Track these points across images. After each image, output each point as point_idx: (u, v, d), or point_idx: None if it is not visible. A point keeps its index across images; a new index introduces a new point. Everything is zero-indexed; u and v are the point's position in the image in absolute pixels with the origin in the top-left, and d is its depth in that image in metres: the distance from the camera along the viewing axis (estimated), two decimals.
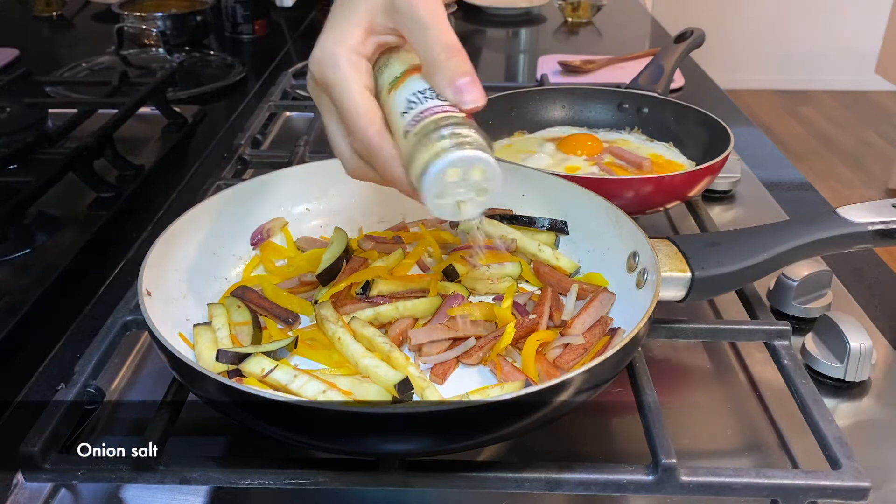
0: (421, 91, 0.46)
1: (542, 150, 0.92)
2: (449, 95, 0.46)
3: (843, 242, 0.63)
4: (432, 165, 0.43)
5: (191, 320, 0.62)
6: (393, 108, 0.47)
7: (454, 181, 0.44)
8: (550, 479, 0.50)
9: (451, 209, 0.46)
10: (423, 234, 0.73)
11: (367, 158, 0.49)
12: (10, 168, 0.91)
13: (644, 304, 0.55)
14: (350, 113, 0.47)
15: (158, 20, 1.49)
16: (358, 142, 0.48)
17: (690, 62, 1.39)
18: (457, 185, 0.44)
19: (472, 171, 0.44)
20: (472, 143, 0.44)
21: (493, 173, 0.44)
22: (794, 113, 3.98)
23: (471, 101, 0.46)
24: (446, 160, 0.43)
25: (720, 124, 0.87)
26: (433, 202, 0.45)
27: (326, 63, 0.48)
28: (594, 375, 0.49)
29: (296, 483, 0.50)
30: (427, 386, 0.55)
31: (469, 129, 0.44)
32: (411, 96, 0.46)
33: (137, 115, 1.06)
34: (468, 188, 0.45)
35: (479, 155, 0.43)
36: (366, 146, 0.47)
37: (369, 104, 0.47)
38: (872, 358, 0.63)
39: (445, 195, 0.45)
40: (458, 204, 0.46)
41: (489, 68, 1.55)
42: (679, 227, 0.89)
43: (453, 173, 0.44)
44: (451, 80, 0.46)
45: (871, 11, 3.78)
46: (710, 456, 0.59)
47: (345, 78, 0.47)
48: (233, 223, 0.70)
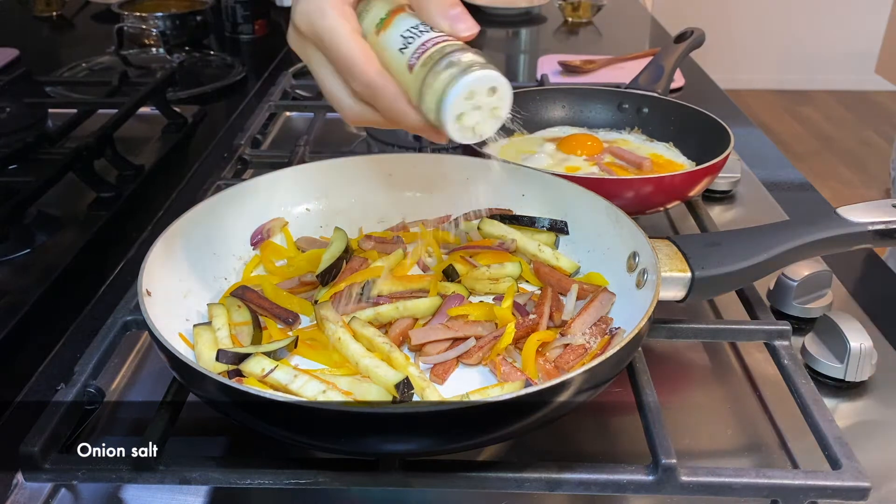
0: (413, 27, 0.48)
1: (542, 150, 0.92)
2: (444, 26, 0.48)
3: (843, 242, 0.63)
4: (451, 88, 0.45)
5: (191, 320, 0.62)
6: (387, 48, 0.48)
7: (471, 103, 0.46)
8: (550, 479, 0.50)
9: (470, 133, 0.48)
10: (423, 234, 0.73)
11: (370, 99, 0.49)
12: (10, 168, 0.91)
13: (644, 304, 0.55)
14: (346, 57, 0.48)
15: (158, 20, 1.49)
16: (359, 83, 0.48)
17: (690, 62, 1.39)
18: (472, 106, 0.46)
19: (487, 91, 0.46)
20: (483, 65, 0.45)
21: (505, 91, 0.46)
22: (794, 113, 3.99)
23: (465, 28, 0.48)
24: (464, 82, 0.45)
25: (720, 124, 0.87)
26: (453, 126, 0.46)
27: (314, 13, 0.48)
28: (594, 375, 0.49)
29: (296, 483, 0.50)
30: (427, 386, 0.55)
31: (474, 54, 0.46)
32: (405, 32, 0.48)
33: (137, 115, 1.06)
34: (483, 110, 0.47)
35: (492, 74, 0.45)
36: (368, 86, 0.48)
37: (364, 45, 0.48)
38: (872, 358, 0.63)
39: (464, 118, 0.46)
40: (474, 127, 0.47)
41: None
42: (679, 227, 0.89)
43: (471, 95, 0.45)
44: (444, 11, 0.48)
45: (871, 11, 3.78)
46: (710, 456, 0.59)
47: (335, 24, 0.48)
48: (233, 223, 0.70)
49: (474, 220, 0.73)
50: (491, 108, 0.47)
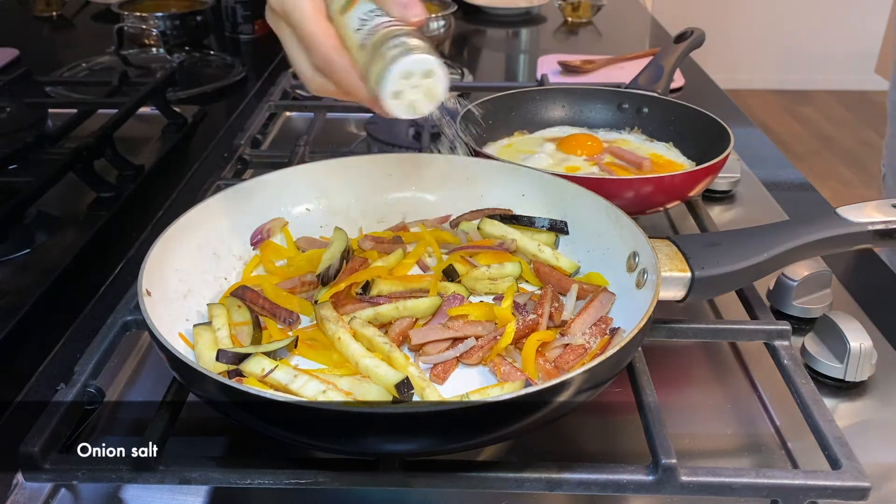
0: (371, 10, 0.53)
1: (542, 150, 0.92)
2: (396, 12, 0.52)
3: (843, 242, 0.63)
4: (391, 67, 0.50)
5: (191, 320, 0.62)
6: (347, 27, 0.53)
7: (408, 82, 0.51)
8: (550, 479, 0.50)
9: (406, 109, 0.52)
10: (423, 234, 0.73)
11: (327, 72, 0.54)
12: (10, 168, 0.91)
13: (644, 304, 0.55)
14: (308, 32, 0.53)
15: (158, 20, 1.49)
16: (317, 57, 0.54)
17: (690, 62, 1.39)
18: (410, 85, 0.51)
19: (422, 73, 0.51)
20: (422, 49, 0.50)
21: (440, 75, 0.51)
22: (794, 113, 3.98)
23: (414, 15, 0.52)
24: (402, 62, 0.50)
25: (720, 124, 0.87)
26: (390, 102, 0.51)
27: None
28: (594, 375, 0.49)
29: (296, 483, 0.50)
30: (427, 386, 0.55)
31: (418, 40, 0.51)
32: (363, 15, 0.52)
33: (137, 115, 1.06)
34: (419, 90, 0.52)
35: (428, 59, 0.50)
36: (324, 59, 0.53)
37: (325, 23, 0.54)
38: (872, 358, 0.63)
39: (401, 96, 0.51)
40: (411, 104, 0.52)
41: (489, 68, 1.55)
42: (679, 227, 0.89)
43: (407, 75, 0.50)
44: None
45: (871, 11, 3.78)
46: (710, 456, 0.59)
47: (300, 3, 0.53)
48: (233, 223, 0.70)
49: (474, 221, 0.73)
50: (427, 89, 0.52)
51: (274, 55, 1.48)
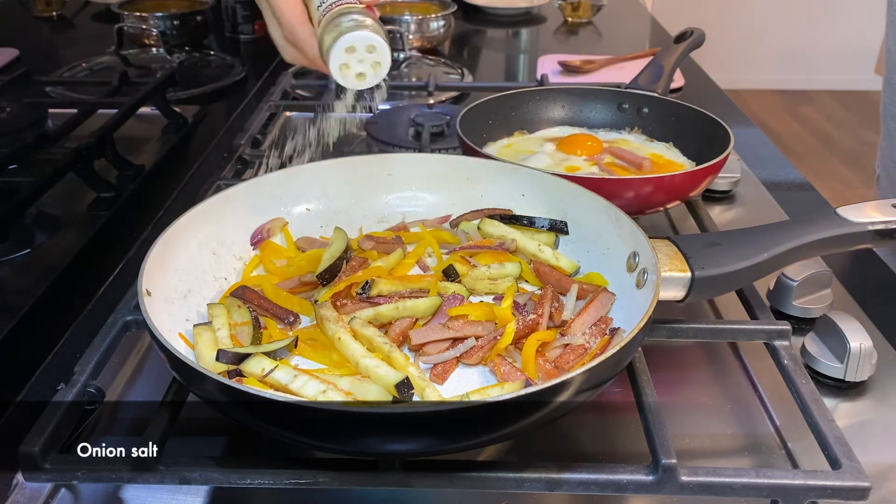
0: None
1: (542, 150, 0.92)
2: None
3: (843, 242, 0.63)
4: (338, 41, 0.56)
5: (191, 320, 0.62)
6: (312, 3, 0.61)
7: (354, 55, 0.57)
8: (550, 479, 0.50)
9: (353, 80, 0.58)
10: (423, 234, 0.73)
11: (293, 42, 0.62)
12: (10, 168, 0.91)
13: (644, 304, 0.55)
14: (278, 7, 0.61)
15: (158, 20, 1.49)
16: (284, 27, 0.62)
17: (690, 62, 1.39)
18: (356, 59, 0.57)
19: (366, 48, 0.56)
20: (368, 27, 0.56)
21: (383, 50, 0.57)
22: (794, 113, 3.98)
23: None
24: (347, 37, 0.56)
25: (720, 124, 0.87)
26: (338, 72, 0.57)
27: None
28: (594, 375, 0.49)
29: (296, 483, 0.50)
30: (427, 386, 0.55)
31: (366, 17, 0.57)
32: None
33: (137, 115, 1.06)
34: (365, 63, 0.57)
35: (371, 35, 0.56)
36: (290, 31, 0.62)
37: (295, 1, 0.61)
38: (872, 358, 0.63)
39: (348, 68, 0.57)
40: (357, 75, 0.58)
41: (489, 68, 1.55)
42: (679, 227, 0.89)
43: (351, 49, 0.56)
44: None
45: (871, 11, 3.78)
46: (710, 456, 0.59)
47: None
48: (233, 223, 0.70)
49: (474, 221, 0.73)
50: (372, 62, 0.57)
51: (274, 55, 1.46)
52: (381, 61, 0.57)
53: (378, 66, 0.58)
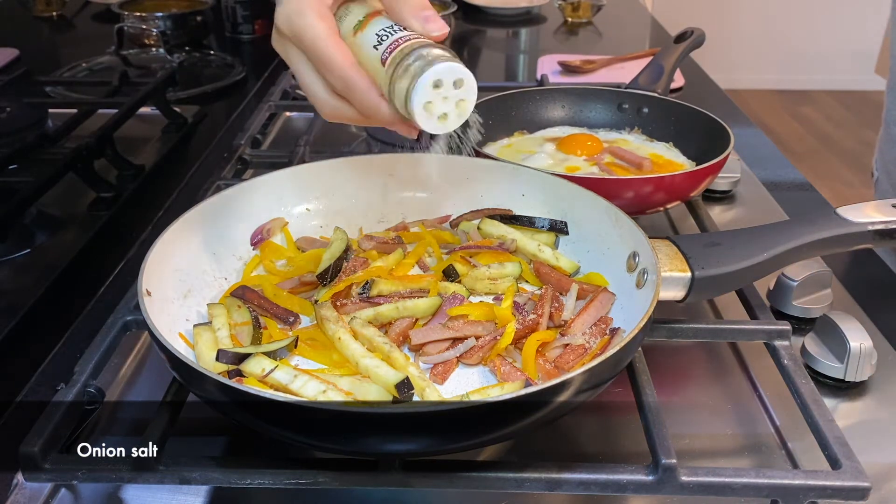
0: (387, 27, 0.52)
1: (542, 150, 0.92)
2: (416, 27, 0.51)
3: (843, 242, 0.63)
4: (420, 77, 0.48)
5: (191, 320, 0.62)
6: (363, 46, 0.52)
7: (438, 92, 0.49)
8: (550, 479, 0.50)
9: (435, 122, 0.51)
10: (423, 234, 0.73)
11: (345, 92, 0.52)
12: (10, 168, 0.91)
13: (644, 304, 0.55)
14: (324, 54, 0.51)
15: (158, 20, 1.49)
16: (335, 78, 0.52)
17: (690, 62, 1.39)
18: (440, 96, 0.50)
19: (453, 82, 0.50)
20: (450, 58, 0.49)
21: (470, 83, 0.50)
22: (794, 113, 3.98)
23: (436, 28, 0.51)
24: (433, 70, 0.48)
25: (720, 124, 0.87)
26: (421, 113, 0.50)
27: (293, 14, 0.52)
28: (594, 375, 0.49)
29: (296, 483, 0.50)
30: (427, 386, 0.55)
31: (443, 50, 0.50)
32: (380, 31, 0.51)
33: (137, 115, 1.06)
34: (449, 101, 0.51)
35: (459, 66, 0.49)
36: (343, 79, 0.51)
37: (340, 42, 0.52)
38: (872, 358, 0.63)
39: (430, 108, 0.50)
40: (440, 118, 0.51)
41: (489, 68, 1.55)
42: (679, 227, 0.89)
43: (438, 84, 0.49)
44: (416, 13, 0.52)
45: (871, 11, 3.79)
46: (710, 456, 0.59)
47: (313, 23, 0.51)
48: (233, 223, 0.70)
49: (474, 221, 0.73)
50: (457, 99, 0.51)
51: (274, 55, 1.47)
52: (466, 98, 0.51)
53: (463, 104, 0.51)
